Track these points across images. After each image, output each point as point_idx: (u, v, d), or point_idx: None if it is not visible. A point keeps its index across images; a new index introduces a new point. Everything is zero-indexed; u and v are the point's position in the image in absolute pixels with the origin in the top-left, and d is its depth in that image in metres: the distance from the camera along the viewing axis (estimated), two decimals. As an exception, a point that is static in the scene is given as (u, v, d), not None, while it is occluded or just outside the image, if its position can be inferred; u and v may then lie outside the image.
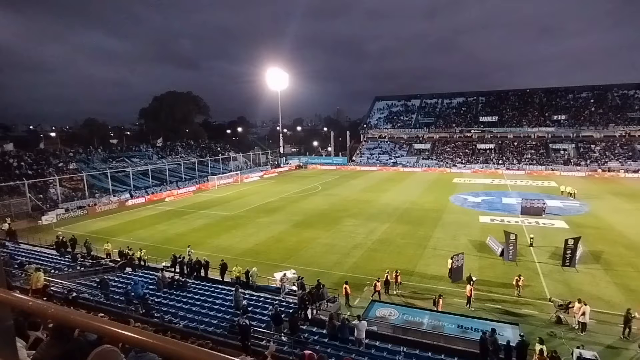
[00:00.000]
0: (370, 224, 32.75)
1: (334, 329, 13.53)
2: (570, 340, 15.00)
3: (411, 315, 16.10)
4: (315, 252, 26.18)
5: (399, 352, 12.57)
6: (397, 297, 19.26)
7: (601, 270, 21.90)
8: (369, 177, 64.06)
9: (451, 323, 15.27)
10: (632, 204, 38.77)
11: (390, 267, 21.08)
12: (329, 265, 23.77)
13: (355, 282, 20.51)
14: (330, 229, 31.66)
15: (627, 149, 67.49)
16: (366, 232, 30.60)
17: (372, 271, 22.15)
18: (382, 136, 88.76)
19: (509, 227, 28.16)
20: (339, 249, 26.58)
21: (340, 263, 24.08)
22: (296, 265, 23.33)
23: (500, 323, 15.22)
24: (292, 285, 19.67)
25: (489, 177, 61.41)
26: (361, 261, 24.31)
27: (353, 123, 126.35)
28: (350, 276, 21.31)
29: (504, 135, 78.55)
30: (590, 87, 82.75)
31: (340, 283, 19.52)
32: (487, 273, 21.77)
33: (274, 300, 17.11)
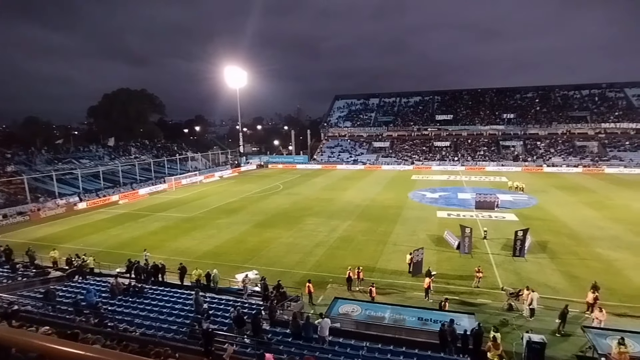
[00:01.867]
0: (331, 222, 32.96)
1: (298, 328, 13.46)
2: (521, 326, 15.86)
3: (373, 311, 16.35)
4: (277, 252, 25.96)
5: (361, 348, 12.72)
6: (360, 294, 19.52)
7: (547, 259, 23.38)
8: (330, 176, 64.51)
9: (412, 316, 15.68)
10: (573, 197, 41.74)
11: (352, 264, 21.30)
12: (291, 264, 23.66)
13: (318, 281, 20.56)
14: (292, 228, 31.53)
15: (568, 145, 72.61)
16: (328, 230, 30.76)
17: (335, 269, 22.33)
18: (342, 135, 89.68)
19: (465, 221, 29.36)
20: (301, 248, 26.53)
21: (303, 262, 24.04)
22: (258, 266, 23.03)
23: (458, 313, 15.83)
24: (254, 286, 19.39)
25: (445, 174, 63.83)
26: (323, 259, 24.40)
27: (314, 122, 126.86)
28: (312, 275, 21.33)
29: (459, 133, 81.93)
30: (535, 88, 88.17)
31: (303, 282, 19.47)
32: (444, 266, 22.57)
33: (236, 302, 16.76)
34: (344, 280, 20.02)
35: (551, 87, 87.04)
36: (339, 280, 20.68)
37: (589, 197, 41.64)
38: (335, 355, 11.95)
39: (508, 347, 13.72)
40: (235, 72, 79.96)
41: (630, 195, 41.80)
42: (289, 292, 18.39)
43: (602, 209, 35.78)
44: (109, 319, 13.80)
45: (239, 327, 13.24)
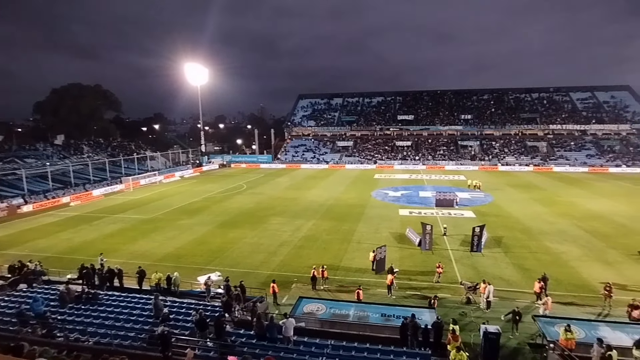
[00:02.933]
0: (296, 222, 32.87)
1: (262, 329, 13.29)
2: (478, 318, 16.55)
3: (338, 309, 16.45)
4: (241, 253, 25.54)
5: (326, 346, 12.75)
6: (325, 292, 19.59)
7: (502, 253, 24.57)
8: (294, 175, 64.33)
9: (375, 312, 15.92)
10: (525, 194, 44.16)
11: (316, 262, 21.35)
12: (255, 264, 23.36)
13: (283, 280, 20.43)
14: (256, 228, 31.15)
15: (520, 145, 76.72)
16: (292, 229, 30.66)
17: (299, 268, 22.29)
18: (306, 134, 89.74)
19: (426, 219, 30.26)
20: (266, 248, 26.26)
21: (267, 262, 23.80)
22: (222, 267, 22.55)
23: (419, 308, 16.27)
24: (217, 288, 18.94)
25: (406, 173, 65.49)
26: (288, 259, 24.29)
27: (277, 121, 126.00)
28: (277, 274, 21.16)
29: (420, 133, 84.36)
30: (490, 90, 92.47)
31: (267, 282, 19.27)
32: (407, 263, 23.13)
33: (199, 305, 16.29)
34: (308, 280, 20.01)
35: (505, 90, 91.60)
36: (303, 280, 20.65)
37: (539, 194, 44.20)
38: (300, 354, 11.91)
39: (466, 339, 14.28)
40: (196, 69, 77.87)
41: (575, 192, 44.81)
42: (253, 293, 18.15)
43: (551, 205, 38.09)
44: (59, 329, 12.97)
45: (201, 330, 12.88)
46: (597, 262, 22.78)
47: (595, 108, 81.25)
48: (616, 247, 25.24)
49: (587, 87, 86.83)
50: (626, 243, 25.80)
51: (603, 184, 51.10)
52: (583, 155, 70.57)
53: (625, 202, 39.12)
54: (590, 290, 19.07)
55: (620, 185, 49.47)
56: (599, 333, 13.81)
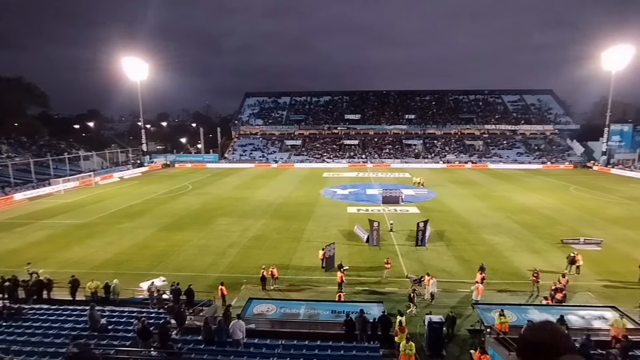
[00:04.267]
0: (245, 222, 32.27)
1: (210, 333, 12.87)
2: (423, 309, 17.32)
3: (288, 308, 16.39)
4: (187, 255, 24.56)
5: (277, 346, 12.65)
6: (275, 292, 19.42)
7: (444, 247, 25.89)
8: (242, 174, 63.12)
9: (325, 310, 16.07)
10: (465, 190, 46.91)
11: (266, 262, 21.09)
12: (203, 267, 22.60)
13: (232, 282, 19.96)
14: (203, 230, 30.14)
15: (459, 144, 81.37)
16: (241, 229, 30.05)
17: (249, 269, 21.90)
18: (254, 133, 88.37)
19: (373, 216, 31.02)
20: (214, 250, 25.49)
21: (216, 264, 23.13)
22: (167, 272, 21.51)
23: (368, 303, 16.67)
24: (162, 294, 18.04)
25: (354, 171, 66.85)
26: (237, 260, 23.77)
27: (224, 119, 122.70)
28: (226, 276, 20.60)
29: (366, 132, 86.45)
30: (432, 92, 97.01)
31: (215, 285, 18.69)
32: (355, 259, 23.59)
33: (141, 313, 15.40)
34: (258, 280, 19.72)
35: (445, 92, 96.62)
36: (253, 281, 20.32)
37: (477, 189, 47.18)
38: (251, 357, 11.71)
39: (413, 330, 14.87)
40: (135, 64, 73.35)
41: (508, 188, 48.41)
42: (201, 297, 17.52)
43: (487, 200, 40.82)
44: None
45: (144, 339, 12.18)
46: (526, 251, 24.77)
47: (524, 110, 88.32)
48: (543, 236, 27.61)
49: (517, 91, 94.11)
50: (551, 233, 28.32)
51: (531, 179, 55.71)
52: (514, 153, 76.42)
53: (550, 195, 42.95)
54: (521, 277, 20.69)
55: (546, 181, 54.20)
56: (529, 316, 15.07)
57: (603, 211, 35.19)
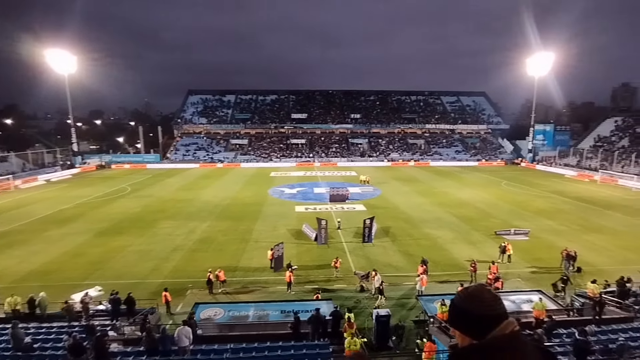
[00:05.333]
0: (189, 224, 31.06)
1: (154, 343, 12.20)
2: (371, 303, 17.78)
3: (237, 311, 16.06)
4: (127, 262, 23.12)
5: (225, 350, 12.32)
6: (223, 295, 18.91)
7: (390, 242, 26.78)
8: (186, 175, 60.67)
9: (275, 310, 15.95)
10: (409, 187, 48.86)
11: (213, 265, 20.46)
12: (144, 273, 21.40)
13: (177, 287, 19.14)
14: (145, 234, 28.56)
15: (402, 142, 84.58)
16: (186, 232, 28.90)
17: (195, 273, 21.10)
18: (197, 131, 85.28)
19: (321, 214, 31.32)
20: (156, 254, 24.25)
21: (159, 269, 22.01)
22: (103, 281, 20.07)
23: (317, 301, 16.77)
24: (98, 305, 16.82)
25: (302, 170, 67.00)
26: (182, 264, 22.82)
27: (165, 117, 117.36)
28: (170, 282, 19.69)
29: (313, 131, 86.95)
30: (376, 92, 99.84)
31: (159, 291, 17.79)
32: (304, 258, 23.64)
33: (73, 327, 14.23)
34: (205, 284, 19.07)
35: (388, 92, 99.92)
36: (199, 285, 19.61)
37: (419, 186, 49.36)
38: (198, 364, 11.27)
39: (361, 324, 15.20)
40: (61, 55, 67.23)
41: (448, 184, 51.19)
42: (143, 305, 16.57)
43: (429, 196, 42.84)
44: None
45: (76, 356, 11.23)
46: (464, 243, 26.35)
47: (461, 111, 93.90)
48: (478, 229, 29.54)
49: (454, 92, 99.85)
50: (486, 225, 30.38)
51: (468, 175, 59.38)
52: (453, 151, 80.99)
53: (485, 190, 46.09)
54: (460, 267, 21.97)
55: (481, 177, 58.06)
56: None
57: (530, 204, 38.42)
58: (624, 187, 48.62)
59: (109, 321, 15.35)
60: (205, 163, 73.29)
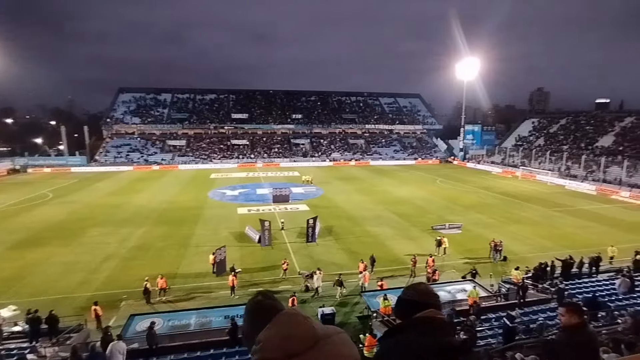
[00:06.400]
0: (122, 230, 29.02)
1: (82, 363, 11.17)
2: (317, 302, 17.84)
3: (177, 319, 15.27)
4: (49, 276, 20.98)
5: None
6: (164, 304, 17.88)
7: (333, 241, 27.13)
8: (118, 178, 56.62)
9: (218, 316, 15.41)
10: (350, 186, 49.89)
11: (150, 273, 19.28)
12: (71, 287, 19.57)
13: (110, 300, 17.79)
14: (70, 244, 26.17)
15: (343, 142, 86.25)
16: (118, 240, 26.95)
17: (130, 282, 19.74)
18: (130, 132, 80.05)
19: (264, 215, 30.88)
20: (84, 266, 22.30)
21: (88, 282, 20.27)
22: (19, 299, 18.01)
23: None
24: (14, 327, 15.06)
25: (244, 171, 65.67)
26: (115, 274, 21.22)
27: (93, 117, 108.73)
28: (101, 294, 18.18)
29: (255, 131, 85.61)
30: (316, 93, 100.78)
31: (88, 306, 16.36)
32: (248, 260, 23.15)
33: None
34: (141, 294, 17.89)
35: (328, 93, 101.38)
36: (135, 295, 18.37)
37: (360, 185, 50.65)
38: (134, 381, 10.51)
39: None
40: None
41: (387, 182, 53.11)
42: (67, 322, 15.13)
43: (369, 194, 44.11)
44: None
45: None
46: (404, 239, 27.48)
47: (398, 111, 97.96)
48: (416, 225, 30.97)
49: (391, 94, 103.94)
50: (423, 221, 31.94)
51: (406, 174, 62.11)
52: (391, 151, 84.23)
53: (421, 187, 48.50)
54: (401, 262, 22.88)
55: (418, 175, 61.02)
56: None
57: (462, 199, 41.11)
58: (541, 182, 53.89)
59: (27, 343, 13.79)
60: (139, 165, 69.03)
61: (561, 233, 28.93)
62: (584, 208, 37.64)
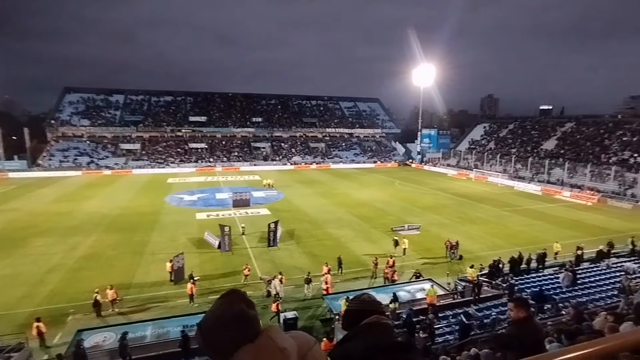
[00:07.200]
0: (70, 240, 27.27)
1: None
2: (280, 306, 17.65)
3: (132, 332, 14.50)
4: (-15, 291, 19.27)
5: (119, 379, 11.02)
6: (118, 316, 16.96)
7: (295, 245, 27.02)
8: (65, 184, 53.16)
9: (176, 326, 14.84)
10: (311, 189, 49.99)
11: (101, 284, 18.22)
12: (10, 303, 18.08)
13: (55, 315, 16.64)
14: (10, 255, 24.23)
15: (304, 146, 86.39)
16: (65, 249, 25.28)
17: (78, 295, 18.55)
18: (78, 135, 75.48)
19: (224, 220, 30.21)
20: (26, 279, 20.71)
21: (30, 296, 18.82)
22: (-50, 317, 16.40)
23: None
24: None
25: (202, 175, 63.96)
26: (61, 287, 19.87)
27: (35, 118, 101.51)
28: (45, 310, 16.95)
29: (214, 134, 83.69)
30: (277, 96, 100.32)
31: (29, 323, 15.17)
32: (208, 267, 22.53)
33: None
34: (91, 307, 16.86)
35: (289, 97, 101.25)
36: (84, 309, 17.27)
37: (321, 188, 50.90)
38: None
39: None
40: None
41: (348, 185, 53.75)
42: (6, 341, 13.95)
43: (330, 197, 44.43)
44: None
45: None
46: (365, 241, 27.90)
47: (358, 115, 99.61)
48: (377, 227, 31.55)
49: (351, 98, 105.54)
50: (383, 223, 32.60)
51: (365, 176, 63.19)
52: (351, 154, 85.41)
53: (381, 190, 49.53)
54: (363, 264, 23.18)
55: (377, 177, 62.26)
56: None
57: (419, 201, 42.43)
58: (492, 183, 56.81)
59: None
60: (89, 170, 65.28)
61: (511, 231, 30.61)
62: (530, 207, 40.07)
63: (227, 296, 1.24)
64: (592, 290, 16.94)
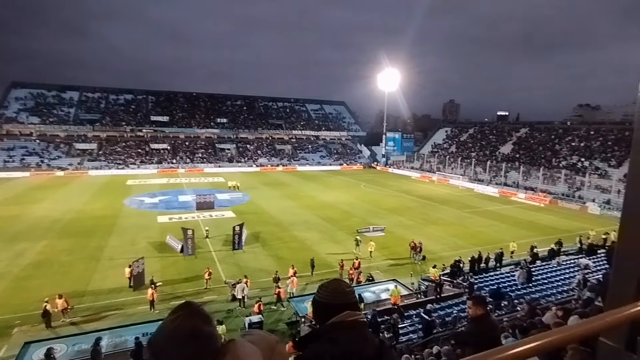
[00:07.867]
0: (16, 246, 25.50)
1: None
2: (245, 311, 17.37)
3: (85, 343, 13.75)
4: None
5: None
6: (71, 327, 16.00)
7: (260, 247, 26.70)
8: (10, 186, 49.72)
9: (134, 334, 14.19)
10: (277, 191, 49.64)
11: (52, 293, 17.15)
12: (-53, 315, 16.63)
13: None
14: (-52, 263, 22.30)
15: (271, 148, 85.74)
16: (10, 256, 23.60)
17: (26, 305, 17.37)
18: (26, 133, 70.74)
19: (187, 223, 29.37)
20: (-34, 288, 19.14)
21: (-31, 307, 17.39)
22: None
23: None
24: None
25: (165, 177, 61.93)
26: (5, 297, 18.50)
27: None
28: (-12, 321, 15.74)
29: (176, 135, 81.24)
30: (242, 97, 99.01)
31: (-30, 335, 14.03)
32: (170, 272, 21.80)
33: None
34: (39, 318, 15.81)
35: (255, 98, 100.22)
36: (32, 319, 16.18)
37: (287, 190, 50.68)
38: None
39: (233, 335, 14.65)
40: None
41: (314, 187, 53.86)
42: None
43: (296, 199, 44.32)
44: None
45: None
46: (331, 243, 28.03)
47: (324, 118, 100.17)
48: (342, 228, 31.79)
49: (318, 101, 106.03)
50: (348, 224, 32.90)
51: (331, 179, 63.60)
52: (318, 156, 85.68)
53: (346, 192, 50.01)
54: (329, 266, 23.24)
55: (343, 180, 62.80)
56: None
57: (384, 203, 43.20)
58: (454, 185, 58.85)
59: None
60: (38, 171, 61.42)
61: (471, 232, 31.81)
62: (489, 209, 41.86)
63: (180, 310, 1.12)
64: (545, 286, 17.91)
